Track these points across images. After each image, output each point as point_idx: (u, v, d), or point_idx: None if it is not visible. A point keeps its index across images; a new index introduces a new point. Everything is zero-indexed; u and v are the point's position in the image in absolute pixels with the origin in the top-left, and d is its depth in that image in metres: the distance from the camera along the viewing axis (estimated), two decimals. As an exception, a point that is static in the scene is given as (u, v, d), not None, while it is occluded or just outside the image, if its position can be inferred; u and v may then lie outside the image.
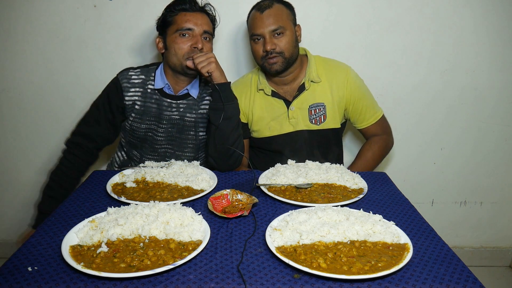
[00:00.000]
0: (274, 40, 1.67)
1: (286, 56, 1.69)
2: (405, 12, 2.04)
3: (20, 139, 2.25)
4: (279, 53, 1.68)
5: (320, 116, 1.80)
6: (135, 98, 1.73)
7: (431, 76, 2.16)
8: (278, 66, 1.70)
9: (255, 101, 1.83)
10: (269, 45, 1.66)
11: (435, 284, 0.93)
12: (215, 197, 1.32)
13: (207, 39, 1.69)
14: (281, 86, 1.82)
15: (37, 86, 2.15)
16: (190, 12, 1.66)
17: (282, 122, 1.81)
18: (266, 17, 1.65)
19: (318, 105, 1.79)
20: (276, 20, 1.66)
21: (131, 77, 1.74)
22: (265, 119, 1.83)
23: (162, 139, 1.77)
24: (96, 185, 1.47)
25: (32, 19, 2.03)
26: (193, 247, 1.04)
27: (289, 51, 1.69)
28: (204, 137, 1.80)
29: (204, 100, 1.78)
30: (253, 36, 1.70)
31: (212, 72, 1.60)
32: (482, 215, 2.42)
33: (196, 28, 1.65)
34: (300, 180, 1.44)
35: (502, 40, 2.09)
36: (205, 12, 1.71)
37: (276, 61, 1.69)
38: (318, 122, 1.80)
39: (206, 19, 1.69)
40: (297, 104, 1.79)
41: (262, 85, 1.81)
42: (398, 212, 1.29)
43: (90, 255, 1.00)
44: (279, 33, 1.67)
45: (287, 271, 0.97)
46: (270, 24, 1.65)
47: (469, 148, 2.28)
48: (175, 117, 1.75)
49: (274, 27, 1.65)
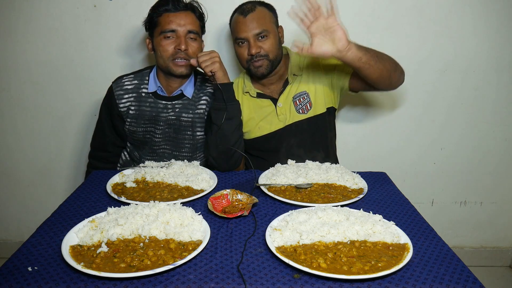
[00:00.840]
0: (258, 43, 1.68)
1: (271, 58, 1.71)
2: (405, 12, 2.04)
3: (20, 139, 2.25)
4: (264, 56, 1.69)
5: (305, 104, 1.81)
6: (129, 104, 1.75)
7: (431, 76, 2.16)
8: (264, 69, 1.72)
9: (242, 104, 1.83)
10: (254, 49, 1.67)
11: (435, 284, 0.93)
12: (215, 197, 1.32)
13: (193, 38, 1.68)
14: (267, 87, 1.84)
15: (37, 86, 2.15)
16: (174, 12, 1.65)
17: (271, 120, 1.83)
18: (250, 21, 1.66)
19: (301, 94, 1.80)
20: (260, 24, 1.67)
21: (124, 84, 1.76)
22: (254, 120, 1.83)
23: (160, 140, 1.78)
24: (96, 185, 1.47)
25: (32, 19, 2.03)
26: (193, 247, 1.04)
27: (273, 53, 1.71)
28: (202, 136, 1.80)
29: (201, 100, 1.78)
30: (237, 39, 1.71)
31: (215, 71, 1.60)
32: (482, 215, 2.42)
33: (179, 29, 1.64)
34: (300, 180, 1.44)
35: (502, 40, 2.08)
36: (191, 9, 1.69)
37: (261, 64, 1.71)
38: (305, 110, 1.81)
39: (191, 18, 1.67)
40: (282, 99, 1.81)
41: (247, 87, 1.83)
42: (398, 212, 1.29)
43: (90, 255, 1.00)
44: (263, 36, 1.68)
45: (287, 271, 0.97)
46: (254, 28, 1.66)
47: (469, 148, 2.28)
48: (171, 117, 1.75)
49: (258, 31, 1.66)
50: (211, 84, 1.76)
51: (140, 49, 2.11)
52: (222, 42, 2.10)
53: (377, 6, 2.04)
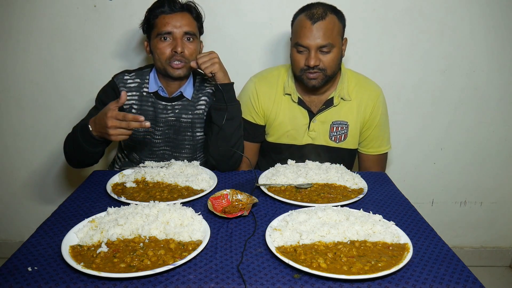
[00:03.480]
0: (319, 56, 1.57)
1: (328, 74, 1.61)
2: (405, 12, 2.04)
3: (20, 139, 2.25)
4: (321, 70, 1.59)
5: (341, 134, 1.74)
6: (132, 102, 1.73)
7: (431, 76, 2.16)
8: (317, 82, 1.62)
9: (280, 105, 1.75)
10: (313, 61, 1.55)
11: (435, 284, 0.93)
12: (215, 197, 1.32)
13: (190, 39, 1.65)
14: (308, 95, 1.73)
15: (37, 86, 2.15)
16: (169, 14, 1.62)
17: (301, 132, 1.75)
18: (317, 30, 1.53)
19: (341, 123, 1.73)
20: (327, 36, 1.54)
21: (127, 82, 1.74)
22: (286, 126, 1.76)
23: (160, 141, 1.77)
24: (96, 185, 1.47)
25: (32, 19, 2.03)
26: (193, 247, 1.04)
27: (332, 68, 1.61)
28: (202, 137, 1.80)
29: (200, 100, 1.77)
30: (298, 45, 1.59)
31: (215, 72, 1.59)
32: (482, 215, 2.42)
33: (176, 31, 1.61)
34: (300, 180, 1.44)
35: (502, 40, 2.09)
36: (188, 10, 1.66)
37: (316, 77, 1.60)
38: (338, 140, 1.74)
39: (187, 19, 1.64)
40: (320, 118, 1.72)
41: (290, 89, 1.73)
42: (398, 212, 1.29)
43: (90, 255, 1.00)
44: (327, 51, 1.57)
45: (287, 271, 0.97)
46: (320, 38, 1.54)
47: (469, 148, 2.28)
48: (171, 118, 1.74)
49: (323, 44, 1.54)
50: (212, 85, 1.76)
51: (140, 49, 2.11)
52: (222, 43, 2.10)
53: (377, 6, 2.04)
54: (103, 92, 1.75)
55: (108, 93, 1.74)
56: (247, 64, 2.14)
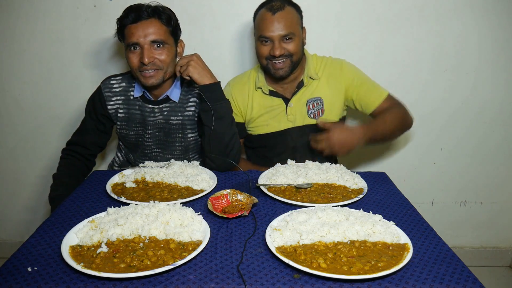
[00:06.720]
0: (283, 45, 1.66)
1: (294, 60, 1.70)
2: (406, 13, 2.04)
3: (20, 139, 2.25)
4: (287, 56, 1.67)
5: (318, 110, 1.81)
6: (117, 106, 1.75)
7: (431, 76, 2.15)
8: (284, 71, 1.70)
9: (253, 99, 1.83)
10: (278, 50, 1.64)
11: (435, 284, 0.93)
12: (215, 197, 1.32)
13: (160, 46, 1.60)
14: (280, 85, 1.83)
15: (37, 86, 2.15)
16: (135, 24, 1.57)
17: (280, 119, 1.82)
18: (277, 21, 1.62)
19: (315, 99, 1.80)
20: (287, 26, 1.63)
21: (113, 86, 1.75)
22: (263, 116, 1.84)
23: (151, 144, 1.78)
24: (96, 185, 1.47)
25: (32, 19, 2.03)
26: (193, 247, 1.04)
27: (297, 55, 1.70)
28: (193, 138, 1.79)
29: (189, 102, 1.75)
30: (261, 37, 1.67)
31: (191, 75, 1.58)
32: (482, 215, 2.42)
33: (141, 40, 1.56)
34: (300, 180, 1.44)
35: (502, 40, 2.08)
36: (157, 16, 1.59)
37: (283, 66, 1.69)
38: (316, 116, 1.81)
39: (154, 27, 1.57)
40: (295, 100, 1.81)
41: (260, 83, 1.82)
42: (398, 212, 1.29)
43: (90, 255, 1.00)
44: (289, 38, 1.66)
45: (287, 271, 0.97)
46: (281, 28, 1.63)
47: (469, 148, 2.28)
48: (160, 121, 1.74)
49: (285, 32, 1.63)
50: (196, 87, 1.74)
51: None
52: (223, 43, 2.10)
53: (378, 6, 2.03)
54: (91, 101, 1.79)
55: (95, 102, 1.77)
56: (252, 63, 2.14)
